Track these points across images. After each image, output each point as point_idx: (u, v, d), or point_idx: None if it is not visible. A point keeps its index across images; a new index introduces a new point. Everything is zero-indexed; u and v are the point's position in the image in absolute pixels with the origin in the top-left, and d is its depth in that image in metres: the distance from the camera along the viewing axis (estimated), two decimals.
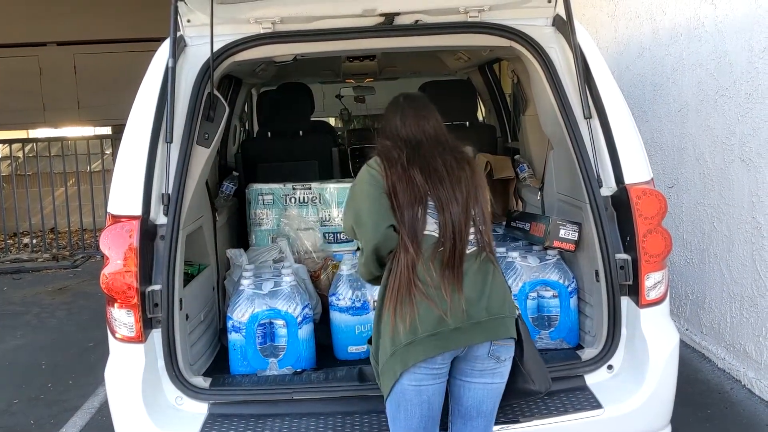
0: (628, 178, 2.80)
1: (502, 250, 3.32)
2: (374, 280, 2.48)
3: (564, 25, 3.02)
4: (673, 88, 4.90)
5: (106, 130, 10.70)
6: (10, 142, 9.62)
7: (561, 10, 3.06)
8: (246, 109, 5.94)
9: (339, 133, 7.15)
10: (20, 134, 10.96)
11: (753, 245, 4.03)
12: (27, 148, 9.67)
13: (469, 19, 3.12)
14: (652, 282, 2.74)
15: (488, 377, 2.31)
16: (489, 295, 2.27)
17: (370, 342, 2.44)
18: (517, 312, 2.37)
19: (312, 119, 5.34)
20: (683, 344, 3.68)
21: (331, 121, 8.00)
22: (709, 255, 4.55)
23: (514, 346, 2.34)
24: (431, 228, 2.28)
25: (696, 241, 4.70)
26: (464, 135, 4.84)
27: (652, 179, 2.84)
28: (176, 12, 2.82)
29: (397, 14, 3.08)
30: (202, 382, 2.82)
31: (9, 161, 9.60)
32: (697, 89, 4.57)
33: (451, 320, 2.20)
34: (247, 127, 6.20)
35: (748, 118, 4.02)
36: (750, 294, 4.09)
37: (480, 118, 5.88)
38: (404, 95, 2.61)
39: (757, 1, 3.88)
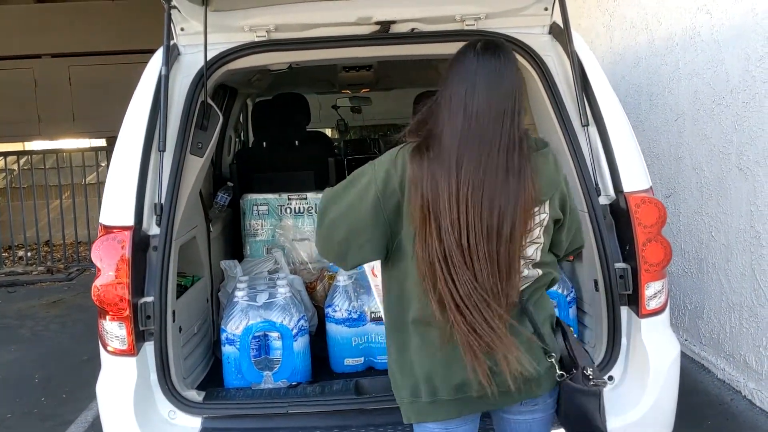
0: (627, 186, 2.77)
1: None
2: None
3: (561, 34, 3.00)
4: (670, 97, 4.89)
5: (102, 142, 10.66)
6: (5, 154, 9.58)
7: (558, 19, 3.05)
8: (241, 119, 5.92)
9: (335, 143, 7.12)
10: (16, 147, 10.91)
11: (752, 254, 4.00)
12: (22, 161, 9.63)
13: (466, 28, 3.10)
14: (652, 291, 2.70)
15: (529, 414, 2.03)
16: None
17: None
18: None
19: (308, 130, 5.32)
20: (682, 355, 3.65)
21: (328, 131, 7.98)
22: (707, 265, 4.52)
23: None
24: None
25: (694, 250, 4.68)
26: None
27: (650, 187, 2.82)
28: (169, 20, 2.80)
29: (393, 23, 3.06)
30: (196, 395, 2.77)
31: (4, 174, 9.56)
32: (694, 98, 4.56)
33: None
34: (242, 138, 6.17)
35: (745, 127, 4.00)
36: (749, 304, 4.06)
37: None
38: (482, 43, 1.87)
39: (753, 10, 3.87)
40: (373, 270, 2.53)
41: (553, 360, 1.96)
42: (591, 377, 1.95)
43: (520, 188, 1.77)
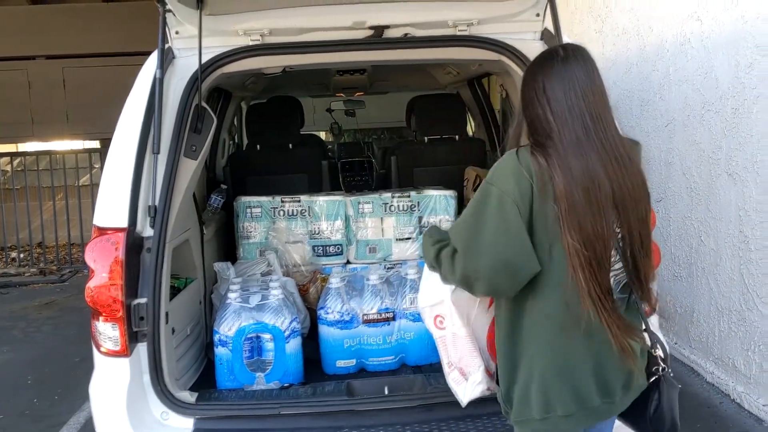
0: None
1: None
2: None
3: (552, 39, 3.03)
4: (660, 103, 4.93)
5: (95, 144, 10.65)
6: None
7: (549, 25, 3.08)
8: (235, 122, 5.93)
9: (329, 147, 7.15)
10: (9, 148, 10.89)
11: (740, 259, 4.04)
12: (15, 162, 9.62)
13: (459, 33, 3.13)
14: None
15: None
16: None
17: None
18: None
19: (302, 133, 5.34)
20: (672, 358, 3.70)
21: (322, 135, 8.01)
22: (696, 269, 4.56)
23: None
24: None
25: (684, 255, 4.72)
26: (454, 149, 4.87)
27: None
28: (164, 23, 2.82)
29: (387, 27, 3.09)
30: (188, 396, 2.79)
31: None
32: (684, 104, 4.60)
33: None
34: (236, 141, 6.19)
35: (734, 133, 4.05)
36: (738, 308, 4.10)
37: (469, 132, 5.90)
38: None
39: (742, 17, 3.92)
40: (436, 319, 2.26)
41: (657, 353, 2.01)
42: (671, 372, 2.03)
43: (636, 171, 1.87)
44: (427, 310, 2.26)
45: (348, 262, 4.00)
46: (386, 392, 2.84)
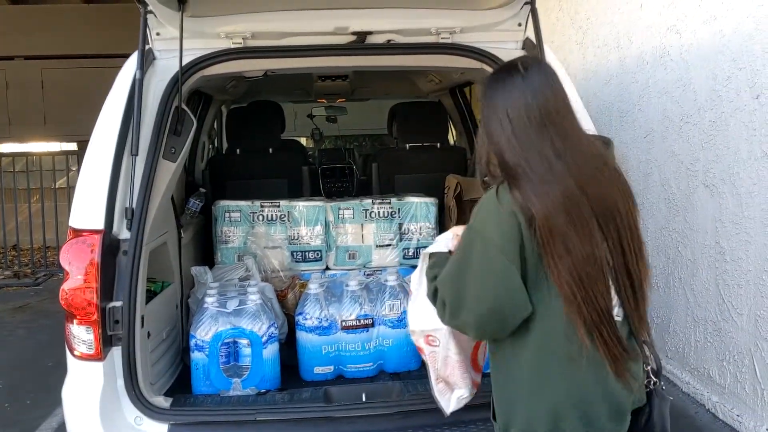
0: None
1: None
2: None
3: (533, 49, 3.06)
4: (639, 114, 4.98)
5: (73, 146, 10.55)
6: None
7: (531, 34, 3.10)
8: (215, 126, 5.90)
9: (310, 153, 7.13)
10: None
11: (716, 270, 4.08)
12: None
13: (441, 41, 3.14)
14: None
15: None
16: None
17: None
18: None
19: (282, 138, 5.32)
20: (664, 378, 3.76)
21: (302, 141, 7.98)
22: (673, 279, 4.60)
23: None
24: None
25: (661, 265, 4.75)
26: (435, 156, 4.88)
27: None
28: (145, 24, 2.80)
29: (369, 33, 3.10)
30: (163, 401, 2.75)
31: None
32: (663, 116, 4.65)
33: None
34: (215, 145, 6.15)
35: (711, 145, 4.09)
36: (714, 318, 4.14)
37: (451, 141, 5.92)
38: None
39: (720, 32, 3.97)
40: (428, 338, 2.23)
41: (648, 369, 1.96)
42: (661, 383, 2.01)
43: (613, 177, 1.84)
44: (418, 332, 2.23)
45: (327, 268, 3.99)
46: (364, 399, 2.83)
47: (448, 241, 2.12)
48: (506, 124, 1.80)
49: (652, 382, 1.97)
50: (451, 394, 2.28)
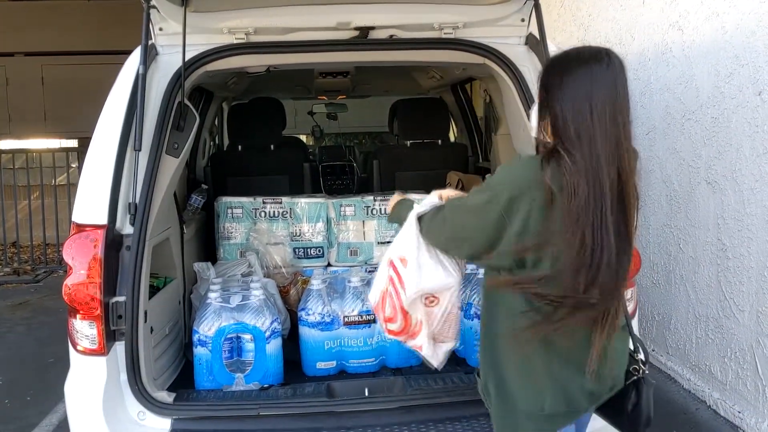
0: None
1: (472, 266, 3.31)
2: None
3: (537, 44, 3.05)
4: (641, 111, 4.97)
5: (73, 143, 10.53)
6: None
7: (534, 30, 3.10)
8: (216, 123, 5.89)
9: (310, 150, 7.13)
10: None
11: (718, 267, 4.09)
12: None
13: (444, 36, 3.14)
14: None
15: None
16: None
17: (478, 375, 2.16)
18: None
19: (283, 135, 5.32)
20: (649, 365, 3.74)
21: (303, 138, 7.98)
22: (675, 276, 4.60)
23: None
24: None
25: (662, 262, 4.75)
26: (436, 153, 4.88)
27: None
28: (148, 19, 2.79)
29: (372, 28, 3.09)
30: (166, 396, 2.74)
31: None
32: (665, 113, 4.65)
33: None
34: (217, 141, 6.15)
35: (713, 142, 4.09)
36: (715, 315, 4.14)
37: (451, 137, 5.92)
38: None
39: (723, 28, 3.97)
40: (427, 299, 2.26)
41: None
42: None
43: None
44: (417, 296, 2.23)
45: (329, 265, 3.99)
46: (366, 394, 2.83)
47: (434, 201, 2.19)
48: (585, 105, 1.83)
49: (641, 371, 2.06)
50: (441, 349, 2.34)
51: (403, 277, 2.22)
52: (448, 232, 2.06)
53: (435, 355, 2.33)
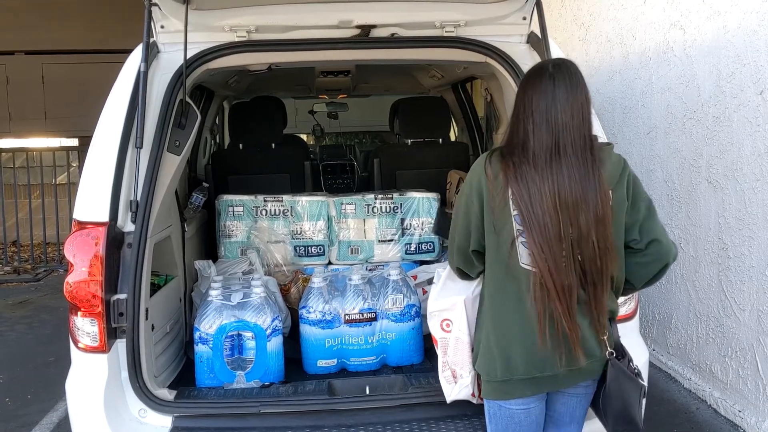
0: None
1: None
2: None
3: (538, 43, 3.05)
4: (643, 111, 4.97)
5: (73, 142, 10.52)
6: None
7: (536, 28, 3.10)
8: (217, 122, 5.89)
9: (311, 149, 7.13)
10: None
11: (719, 266, 4.08)
12: None
13: (445, 34, 3.13)
14: (623, 298, 2.74)
15: (582, 389, 2.27)
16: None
17: None
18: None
19: (284, 134, 5.32)
20: (650, 365, 3.74)
21: (303, 137, 7.98)
22: (675, 275, 4.60)
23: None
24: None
25: None
26: (437, 152, 4.87)
27: None
28: (150, 17, 2.79)
29: (374, 27, 3.08)
30: (167, 394, 2.75)
31: None
32: (666, 112, 4.65)
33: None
34: (217, 140, 6.15)
35: (715, 141, 4.09)
36: (716, 314, 4.14)
37: (452, 136, 5.91)
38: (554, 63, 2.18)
39: (724, 27, 3.97)
40: (443, 323, 2.42)
41: (607, 343, 2.17)
42: (636, 371, 2.21)
43: (596, 174, 2.06)
44: (436, 315, 2.40)
45: (330, 263, 3.99)
46: (367, 392, 2.83)
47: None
48: (528, 111, 2.10)
49: (608, 353, 2.17)
50: (455, 384, 2.42)
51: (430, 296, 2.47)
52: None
53: (447, 388, 2.47)
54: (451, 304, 2.35)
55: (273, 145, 4.86)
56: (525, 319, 2.11)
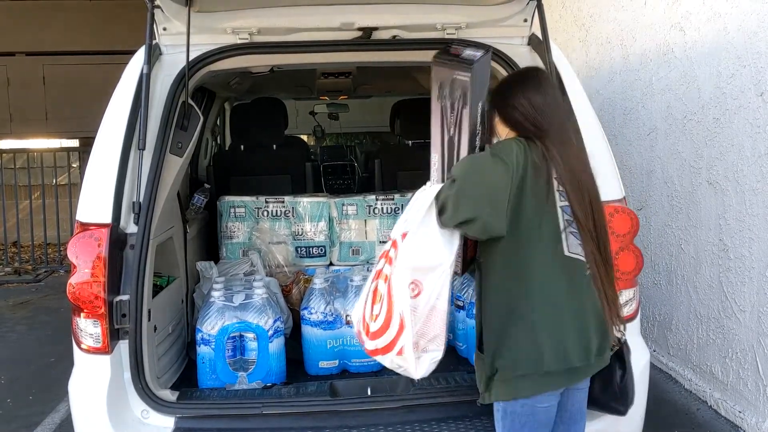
0: (601, 196, 2.81)
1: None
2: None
3: (539, 45, 3.06)
4: (643, 112, 4.98)
5: (74, 143, 10.52)
6: None
7: (537, 30, 3.11)
8: (218, 123, 5.90)
9: (312, 150, 7.14)
10: None
11: (719, 267, 4.09)
12: None
13: (447, 36, 3.14)
14: (624, 299, 2.76)
15: (587, 383, 2.33)
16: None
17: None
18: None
19: (285, 135, 5.32)
20: (651, 366, 3.74)
21: (304, 138, 7.99)
22: (676, 277, 4.61)
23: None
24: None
25: (664, 263, 4.76)
26: None
27: (624, 197, 2.87)
28: (152, 19, 2.80)
29: (375, 29, 3.09)
30: (169, 395, 2.75)
31: None
32: (666, 113, 4.65)
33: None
34: (219, 141, 6.16)
35: (715, 142, 4.10)
36: (716, 315, 4.14)
37: None
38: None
39: (725, 29, 3.98)
40: (410, 285, 2.08)
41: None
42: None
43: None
44: (407, 272, 2.06)
45: (331, 264, 3.99)
46: (369, 393, 2.84)
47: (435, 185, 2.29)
48: (527, 105, 2.26)
49: (621, 340, 2.29)
50: (425, 355, 2.15)
51: (399, 251, 2.08)
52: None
53: (418, 364, 2.16)
54: (437, 263, 2.05)
55: (274, 146, 4.87)
56: (578, 309, 2.16)
